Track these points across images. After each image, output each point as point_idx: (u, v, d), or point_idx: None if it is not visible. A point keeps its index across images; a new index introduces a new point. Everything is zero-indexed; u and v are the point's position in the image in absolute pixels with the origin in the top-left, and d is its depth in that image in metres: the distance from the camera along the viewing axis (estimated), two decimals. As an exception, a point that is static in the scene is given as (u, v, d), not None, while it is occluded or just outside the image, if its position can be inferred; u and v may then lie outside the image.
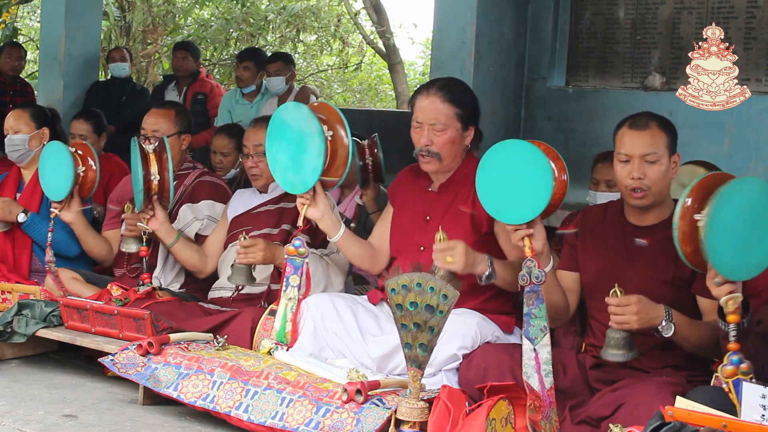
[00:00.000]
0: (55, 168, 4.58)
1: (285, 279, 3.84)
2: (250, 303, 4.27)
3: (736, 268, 2.95)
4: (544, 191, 3.16)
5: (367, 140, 5.00)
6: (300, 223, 3.82)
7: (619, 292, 3.13)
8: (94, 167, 4.67)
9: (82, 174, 4.59)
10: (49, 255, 4.53)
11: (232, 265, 4.14)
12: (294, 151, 3.80)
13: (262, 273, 4.25)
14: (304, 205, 3.80)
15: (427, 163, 3.76)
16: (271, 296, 4.25)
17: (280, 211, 4.39)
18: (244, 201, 4.54)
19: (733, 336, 2.94)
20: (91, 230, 4.76)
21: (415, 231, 3.81)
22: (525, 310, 3.19)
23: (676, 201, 3.44)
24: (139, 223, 4.35)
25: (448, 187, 3.81)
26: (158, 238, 4.42)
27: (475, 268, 3.44)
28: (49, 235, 4.57)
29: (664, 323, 3.11)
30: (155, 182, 4.30)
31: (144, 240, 4.39)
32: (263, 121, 4.52)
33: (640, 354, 3.29)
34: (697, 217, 2.96)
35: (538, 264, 3.19)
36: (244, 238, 4.09)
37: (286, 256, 3.85)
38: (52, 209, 4.62)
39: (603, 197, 4.27)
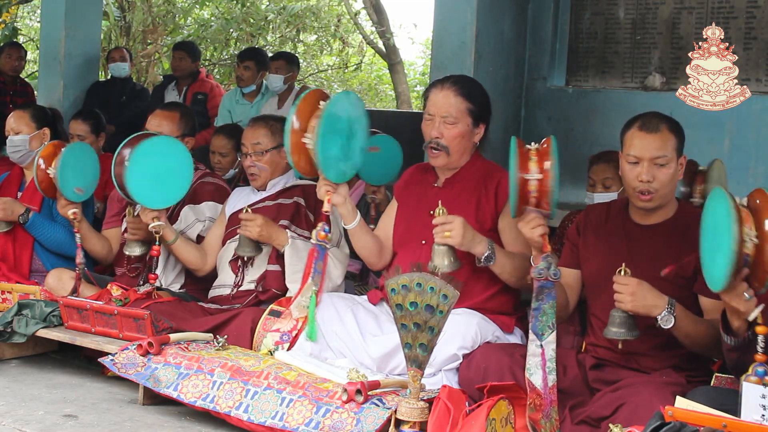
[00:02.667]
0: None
1: (313, 264, 3.81)
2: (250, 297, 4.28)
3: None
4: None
5: None
6: (327, 208, 3.77)
7: (624, 271, 3.15)
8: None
9: None
10: (80, 257, 4.50)
11: (240, 238, 4.20)
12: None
13: (262, 263, 4.26)
14: (329, 192, 3.77)
15: (435, 157, 3.78)
16: (266, 280, 4.26)
17: (277, 207, 4.40)
18: (242, 198, 4.55)
19: (761, 347, 2.89)
20: (92, 230, 4.77)
21: (418, 225, 3.83)
22: (534, 305, 3.20)
23: (679, 200, 3.46)
24: (151, 225, 4.31)
25: (454, 183, 3.83)
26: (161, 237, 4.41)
27: (475, 248, 3.49)
28: (77, 236, 4.54)
29: (664, 314, 3.11)
30: None
31: (156, 239, 4.36)
32: (261, 120, 4.54)
33: (640, 354, 3.30)
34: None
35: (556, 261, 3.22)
36: (247, 211, 4.13)
37: (315, 242, 3.83)
38: (73, 211, 4.56)
39: (600, 198, 4.28)
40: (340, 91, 4.03)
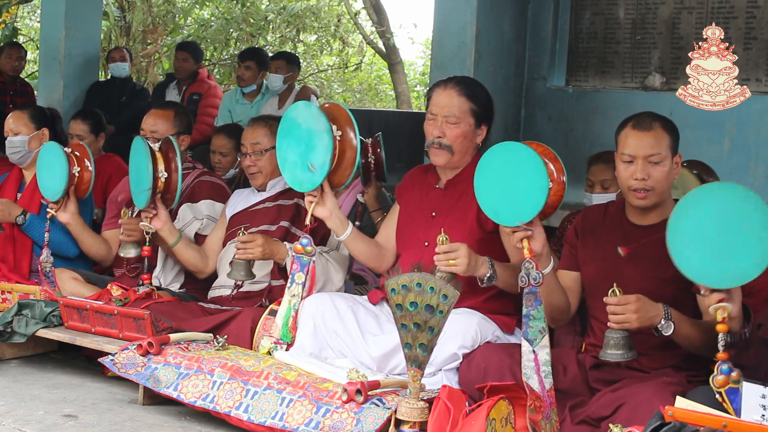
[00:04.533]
0: (51, 168, 4.59)
1: (291, 276, 3.84)
2: (250, 301, 4.27)
3: (710, 274, 2.91)
4: (539, 194, 3.16)
5: (370, 139, 5.00)
6: (308, 221, 3.82)
7: (617, 292, 3.14)
8: (89, 167, 4.67)
9: (77, 174, 4.58)
10: (44, 255, 4.52)
11: (232, 261, 4.15)
12: (303, 149, 3.82)
13: (262, 270, 4.25)
14: (312, 203, 3.81)
15: (437, 156, 3.77)
16: (272, 294, 4.25)
17: (278, 208, 4.40)
18: (242, 200, 4.54)
19: (722, 345, 2.93)
20: (88, 231, 4.76)
21: (420, 226, 3.82)
22: (524, 311, 3.19)
23: (676, 200, 3.45)
24: (142, 223, 4.33)
25: (456, 185, 3.82)
26: (160, 238, 4.41)
27: (477, 271, 3.45)
28: (46, 235, 4.57)
29: (663, 322, 3.11)
30: (162, 180, 4.29)
31: (147, 240, 4.38)
32: (261, 120, 4.55)
33: (640, 354, 3.29)
34: None
35: (536, 265, 3.19)
36: (243, 233, 4.10)
37: (293, 254, 3.87)
38: (48, 209, 4.62)
39: (599, 198, 4.29)
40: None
